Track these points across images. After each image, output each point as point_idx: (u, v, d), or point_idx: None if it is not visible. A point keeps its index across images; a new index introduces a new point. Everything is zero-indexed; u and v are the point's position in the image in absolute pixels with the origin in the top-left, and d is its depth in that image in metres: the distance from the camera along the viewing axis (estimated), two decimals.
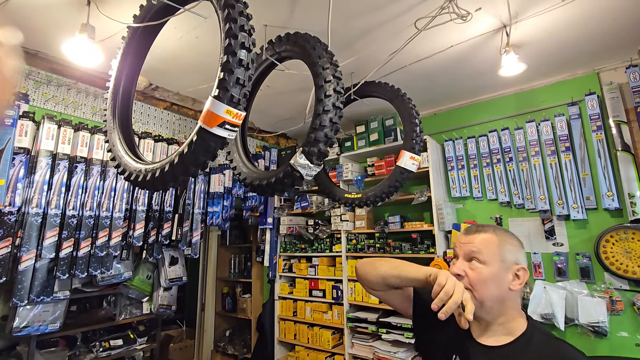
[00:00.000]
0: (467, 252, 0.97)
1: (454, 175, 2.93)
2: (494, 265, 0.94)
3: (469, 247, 0.97)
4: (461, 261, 0.97)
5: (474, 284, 0.93)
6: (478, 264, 0.94)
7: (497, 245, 0.95)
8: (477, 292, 0.93)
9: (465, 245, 0.98)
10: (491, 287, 0.93)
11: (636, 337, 2.06)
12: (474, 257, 0.95)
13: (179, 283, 2.81)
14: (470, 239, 0.98)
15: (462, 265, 0.96)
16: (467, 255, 0.97)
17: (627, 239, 2.13)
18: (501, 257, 0.94)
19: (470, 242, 0.98)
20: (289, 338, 3.22)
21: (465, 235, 1.00)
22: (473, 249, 0.96)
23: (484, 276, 0.93)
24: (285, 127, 3.43)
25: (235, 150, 1.83)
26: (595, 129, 2.37)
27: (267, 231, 3.56)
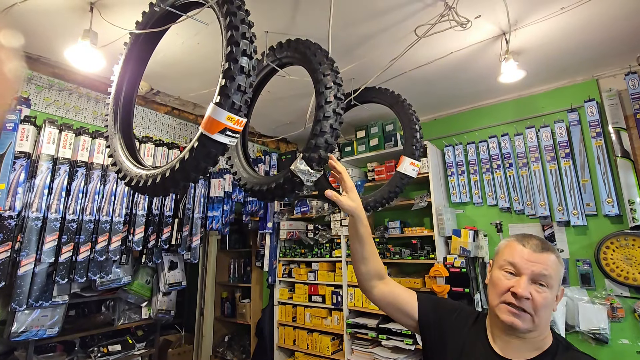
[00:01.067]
0: (538, 274, 0.90)
1: (454, 180, 2.93)
2: (555, 290, 0.91)
3: (539, 268, 0.90)
4: (527, 282, 0.90)
5: (538, 309, 0.88)
6: (545, 287, 0.89)
7: (560, 270, 0.92)
8: (538, 317, 0.88)
9: (534, 265, 0.91)
10: (547, 312, 0.91)
11: (637, 345, 2.05)
12: (542, 282, 0.90)
13: (178, 288, 2.80)
14: (541, 259, 0.91)
15: (528, 287, 0.89)
16: (536, 277, 0.90)
17: (627, 245, 2.12)
18: (558, 281, 0.91)
19: (541, 262, 0.91)
20: (288, 344, 3.20)
21: (532, 252, 0.93)
22: (545, 272, 0.90)
23: (549, 301, 0.89)
24: (285, 131, 3.44)
25: (236, 155, 1.84)
26: (594, 135, 2.38)
27: (267, 236, 3.55)
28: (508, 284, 0.92)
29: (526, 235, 0.98)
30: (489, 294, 1.00)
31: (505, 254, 0.97)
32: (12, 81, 0.50)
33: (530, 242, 0.95)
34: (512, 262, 0.94)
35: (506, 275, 0.94)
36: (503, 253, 0.99)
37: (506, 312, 0.91)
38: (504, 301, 0.92)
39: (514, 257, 0.94)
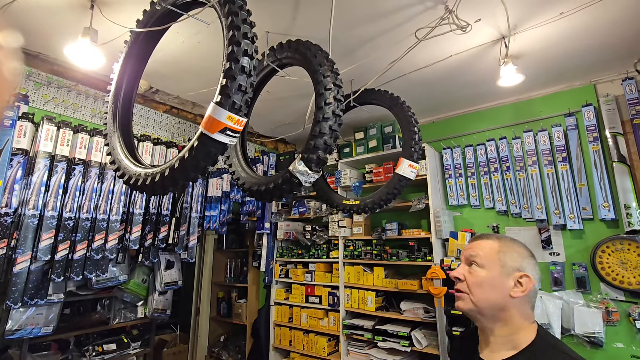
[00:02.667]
0: (467, 256, 1.00)
1: (452, 183, 2.94)
2: (493, 270, 0.94)
3: (468, 251, 1.01)
4: (462, 266, 1.01)
5: (471, 287, 0.96)
6: (476, 267, 0.96)
7: (497, 251, 0.96)
8: (473, 296, 0.95)
9: (466, 250, 1.02)
10: (488, 290, 0.93)
11: (632, 349, 2.07)
12: (473, 261, 0.97)
13: (174, 287, 2.79)
14: (472, 245, 1.02)
15: (462, 270, 0.99)
16: (467, 259, 1.00)
17: (622, 249, 2.14)
18: (501, 263, 0.94)
19: (471, 247, 1.01)
20: (284, 344, 3.20)
21: (470, 241, 1.04)
22: (472, 253, 0.99)
23: (479, 279, 0.95)
24: (284, 132, 3.44)
25: (235, 154, 1.84)
26: (591, 139, 2.40)
27: (264, 236, 3.55)
28: (452, 272, 1.03)
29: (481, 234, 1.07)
30: None
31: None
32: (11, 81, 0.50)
33: (474, 237, 1.05)
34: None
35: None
36: None
37: (456, 300, 1.01)
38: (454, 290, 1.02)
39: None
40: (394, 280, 2.72)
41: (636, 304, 2.08)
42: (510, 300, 0.91)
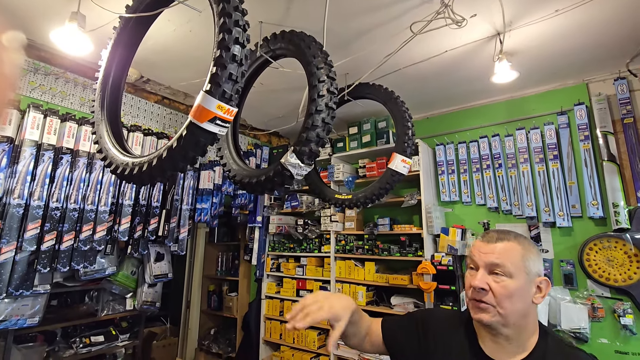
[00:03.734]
0: (489, 263, 0.89)
1: (444, 179, 2.95)
2: (520, 279, 0.86)
3: (490, 257, 0.89)
4: (483, 273, 0.89)
5: (499, 299, 0.86)
6: (504, 277, 0.87)
7: (522, 256, 0.87)
8: (501, 309, 0.86)
9: (486, 255, 0.90)
10: (517, 302, 0.86)
11: (616, 344, 2.11)
12: (499, 271, 0.87)
13: (164, 280, 2.77)
14: (492, 248, 0.90)
15: (485, 278, 0.88)
16: (489, 267, 0.89)
17: (610, 247, 2.17)
18: (527, 270, 0.87)
19: (492, 252, 0.89)
20: (275, 338, 3.20)
21: (487, 243, 0.91)
22: (496, 260, 0.88)
23: (510, 290, 0.85)
24: (277, 125, 3.41)
25: (226, 146, 1.81)
26: (582, 138, 2.42)
27: (256, 229, 3.53)
28: (470, 280, 0.92)
29: (490, 230, 0.97)
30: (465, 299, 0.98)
31: (469, 253, 0.97)
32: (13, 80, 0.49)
33: (487, 235, 0.94)
34: (471, 257, 0.94)
35: (470, 272, 0.93)
36: (470, 252, 0.97)
37: (474, 309, 0.90)
38: (470, 298, 0.92)
39: (473, 252, 0.94)
40: (385, 275, 2.73)
41: (621, 300, 2.12)
42: (532, 307, 0.88)
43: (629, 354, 2.06)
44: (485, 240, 0.92)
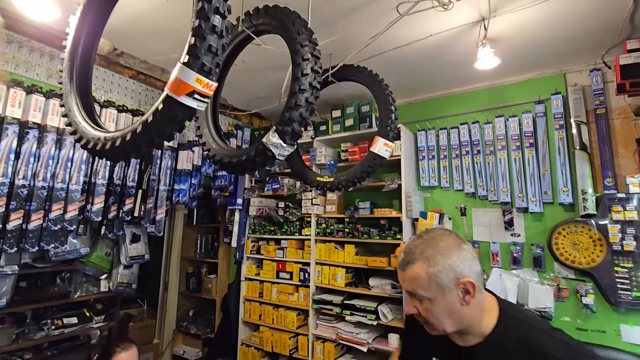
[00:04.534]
0: (407, 291, 0.96)
1: (425, 164, 3.00)
2: (437, 297, 0.90)
3: (405, 286, 0.95)
4: (409, 300, 0.95)
5: (428, 320, 0.93)
6: (424, 300, 0.91)
7: (429, 277, 0.89)
8: (439, 324, 0.92)
9: (402, 284, 0.96)
10: (445, 316, 0.91)
11: (577, 322, 2.25)
12: (416, 296, 0.92)
13: (140, 261, 2.71)
14: (402, 276, 0.95)
15: (412, 304, 0.94)
16: (410, 294, 0.95)
17: (576, 232, 2.28)
18: (439, 286, 0.89)
19: (404, 280, 0.95)
20: (254, 318, 3.23)
21: (401, 271, 0.96)
22: (409, 289, 0.93)
23: (433, 312, 0.91)
24: (259, 106, 3.33)
25: (205, 125, 1.75)
26: (557, 127, 2.49)
27: (236, 212, 3.49)
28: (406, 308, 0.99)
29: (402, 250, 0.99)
30: None
31: None
32: None
33: (400, 259, 0.97)
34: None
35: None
36: None
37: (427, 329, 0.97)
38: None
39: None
40: (364, 258, 2.78)
41: (584, 281, 2.25)
42: (466, 309, 0.91)
43: (588, 331, 2.20)
44: (400, 267, 0.96)
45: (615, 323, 2.14)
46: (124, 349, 1.77)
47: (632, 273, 2.09)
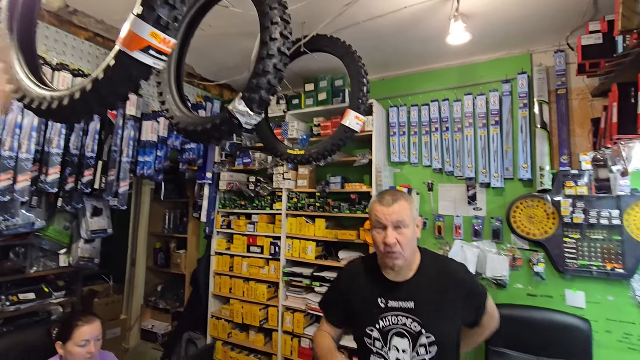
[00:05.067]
0: (394, 221, 1.20)
1: (395, 140, 3.03)
2: (411, 226, 1.23)
3: (394, 217, 1.20)
4: (391, 232, 1.20)
5: (404, 247, 1.20)
6: (403, 228, 1.20)
7: (409, 209, 1.23)
8: (405, 252, 1.21)
9: (390, 216, 1.20)
10: (411, 243, 1.23)
11: (528, 288, 2.43)
12: (400, 225, 1.20)
13: (102, 235, 2.60)
14: (392, 209, 1.21)
15: (394, 235, 1.19)
16: (394, 224, 1.20)
17: (532, 206, 2.42)
18: (413, 218, 1.25)
19: (394, 212, 1.21)
20: (224, 292, 3.24)
21: (387, 207, 1.22)
22: (399, 218, 1.20)
23: (408, 237, 1.21)
24: (229, 76, 3.20)
25: (168, 90, 1.66)
26: (521, 106, 2.58)
27: (206, 186, 3.41)
28: (380, 237, 1.22)
29: (382, 193, 1.30)
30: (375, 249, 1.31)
31: (372, 215, 1.27)
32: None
33: (384, 199, 1.25)
34: (377, 220, 1.23)
35: (378, 231, 1.24)
36: (371, 215, 1.28)
37: (388, 258, 1.22)
38: (384, 252, 1.22)
39: (378, 216, 1.23)
40: (334, 231, 2.82)
41: (536, 251, 2.41)
42: (414, 242, 1.26)
43: (537, 296, 2.39)
44: (385, 205, 1.23)
45: (561, 288, 2.33)
46: (85, 322, 1.73)
47: (579, 243, 2.26)
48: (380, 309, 1.25)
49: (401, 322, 1.22)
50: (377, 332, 1.24)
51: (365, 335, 1.26)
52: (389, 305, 1.24)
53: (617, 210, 2.17)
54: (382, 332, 1.23)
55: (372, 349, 1.25)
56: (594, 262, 2.21)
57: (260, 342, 2.99)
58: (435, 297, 1.23)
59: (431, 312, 1.21)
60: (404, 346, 1.21)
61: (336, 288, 1.43)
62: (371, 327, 1.25)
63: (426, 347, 1.19)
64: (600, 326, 2.20)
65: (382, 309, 1.25)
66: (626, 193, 2.15)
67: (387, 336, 1.23)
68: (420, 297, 1.22)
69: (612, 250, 2.18)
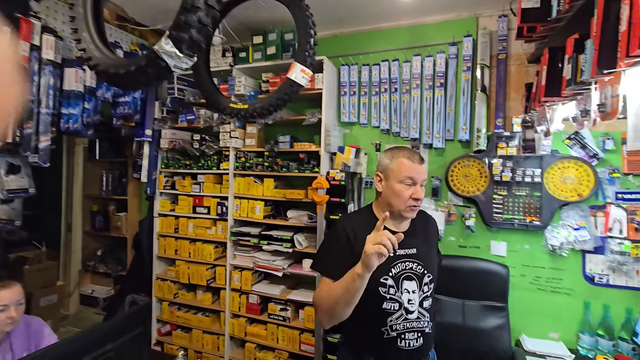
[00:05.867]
0: (423, 179, 1.36)
1: (346, 100, 3.01)
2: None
3: (424, 176, 1.37)
4: (419, 188, 1.35)
5: (421, 201, 1.37)
6: (423, 187, 1.39)
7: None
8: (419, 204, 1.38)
9: (422, 174, 1.35)
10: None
11: (460, 240, 2.65)
12: (423, 183, 1.37)
13: (23, 195, 2.34)
14: (423, 168, 1.37)
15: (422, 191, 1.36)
16: (422, 182, 1.36)
17: (468, 165, 2.58)
18: None
19: (424, 171, 1.37)
20: (169, 253, 3.14)
21: (419, 165, 1.36)
22: (425, 177, 1.37)
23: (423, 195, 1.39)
24: (167, 20, 2.88)
25: (85, 27, 1.45)
26: (465, 69, 2.65)
27: (145, 144, 3.17)
28: (409, 192, 1.33)
29: (407, 151, 1.39)
30: (391, 200, 1.37)
31: (403, 170, 1.34)
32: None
33: (414, 157, 1.37)
34: (410, 176, 1.33)
35: (406, 187, 1.34)
36: (400, 170, 1.35)
37: (410, 211, 1.36)
38: (409, 205, 1.34)
39: (411, 173, 1.34)
40: (282, 191, 2.81)
41: (469, 207, 2.61)
42: None
43: (467, 247, 2.62)
44: (417, 162, 1.36)
45: (488, 240, 2.57)
46: (3, 286, 1.59)
47: (505, 199, 2.48)
48: (391, 258, 1.32)
49: (409, 267, 1.36)
50: (391, 280, 1.32)
51: (380, 285, 1.32)
52: (398, 253, 1.35)
53: (540, 169, 2.39)
54: (395, 279, 1.33)
55: (385, 297, 1.32)
56: (516, 216, 2.44)
57: (208, 300, 3.00)
58: (426, 242, 1.46)
59: (427, 255, 1.42)
60: (413, 287, 1.35)
61: (339, 243, 1.36)
62: (385, 276, 1.32)
63: (428, 285, 1.39)
64: (516, 271, 2.49)
65: (393, 258, 1.34)
66: (547, 153, 2.36)
67: (399, 281, 1.34)
68: (419, 244, 1.41)
69: (532, 205, 2.42)
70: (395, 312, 1.32)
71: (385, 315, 1.31)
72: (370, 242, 1.05)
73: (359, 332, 1.37)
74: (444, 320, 2.33)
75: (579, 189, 2.32)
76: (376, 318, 1.32)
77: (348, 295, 1.13)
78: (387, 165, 1.39)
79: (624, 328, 2.19)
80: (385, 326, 1.31)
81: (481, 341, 2.26)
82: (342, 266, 1.24)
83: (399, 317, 1.31)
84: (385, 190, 1.38)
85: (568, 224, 2.36)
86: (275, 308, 2.73)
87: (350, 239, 1.33)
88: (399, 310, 1.32)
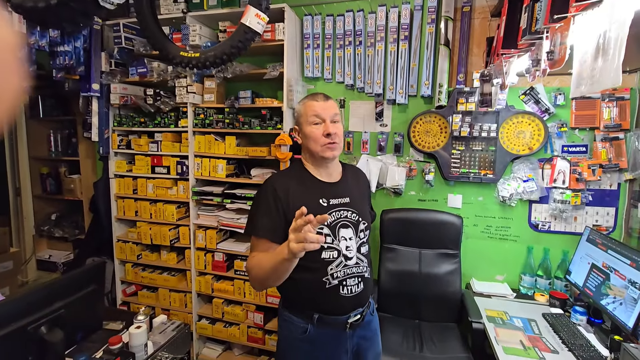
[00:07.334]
0: (332, 115, 1.35)
1: (309, 54, 2.88)
2: (342, 121, 1.46)
3: (332, 111, 1.36)
4: (330, 124, 1.34)
5: (340, 137, 1.37)
6: (338, 123, 1.37)
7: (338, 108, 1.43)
8: (340, 144, 1.38)
9: (328, 110, 1.35)
10: (342, 137, 1.41)
11: (419, 194, 2.74)
12: (336, 119, 1.36)
13: None
14: (329, 104, 1.36)
15: (332, 126, 1.34)
16: (332, 117, 1.35)
17: (430, 121, 2.61)
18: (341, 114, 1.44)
19: (330, 107, 1.36)
20: (129, 215, 3.05)
21: (323, 102, 1.35)
22: (335, 112, 1.37)
23: (341, 129, 1.40)
24: None
25: None
26: (429, 21, 2.59)
27: (94, 100, 2.94)
28: (320, 130, 1.34)
29: (310, 95, 1.42)
30: (309, 145, 1.39)
31: (309, 111, 1.36)
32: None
33: (317, 97, 1.39)
34: (316, 114, 1.34)
35: (316, 126, 1.35)
36: (307, 113, 1.37)
37: (328, 150, 1.35)
38: (323, 144, 1.34)
39: (316, 110, 1.34)
40: (245, 148, 2.74)
41: (429, 162, 2.68)
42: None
43: (426, 201, 2.73)
44: (321, 100, 1.37)
45: (445, 193, 2.68)
46: None
47: (462, 154, 2.56)
48: (324, 208, 1.35)
49: (343, 215, 1.38)
50: (327, 229, 1.33)
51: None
52: (331, 203, 1.37)
53: (495, 124, 2.46)
54: (331, 228, 1.34)
55: (323, 246, 1.32)
56: (472, 170, 2.54)
57: (173, 260, 2.98)
58: (358, 192, 1.51)
59: (360, 203, 1.46)
60: (349, 234, 1.38)
61: (268, 203, 1.32)
62: (321, 226, 1.31)
63: (364, 232, 1.43)
64: (470, 221, 2.64)
65: (326, 207, 1.36)
66: (503, 107, 2.43)
67: (336, 230, 1.35)
68: (352, 193, 1.44)
69: (487, 159, 2.52)
70: (335, 260, 1.33)
71: (325, 265, 1.32)
72: (292, 240, 0.98)
73: (300, 289, 1.34)
74: (402, 268, 2.47)
75: (530, 143, 2.43)
76: (317, 269, 1.32)
77: (278, 273, 1.13)
78: (297, 116, 1.43)
79: (559, 268, 2.43)
80: (327, 275, 1.31)
81: (435, 286, 2.44)
82: (276, 227, 1.29)
83: (339, 264, 1.33)
84: (303, 140, 1.41)
85: (518, 176, 2.50)
86: (242, 264, 2.77)
87: (281, 198, 1.31)
88: (338, 257, 1.33)
